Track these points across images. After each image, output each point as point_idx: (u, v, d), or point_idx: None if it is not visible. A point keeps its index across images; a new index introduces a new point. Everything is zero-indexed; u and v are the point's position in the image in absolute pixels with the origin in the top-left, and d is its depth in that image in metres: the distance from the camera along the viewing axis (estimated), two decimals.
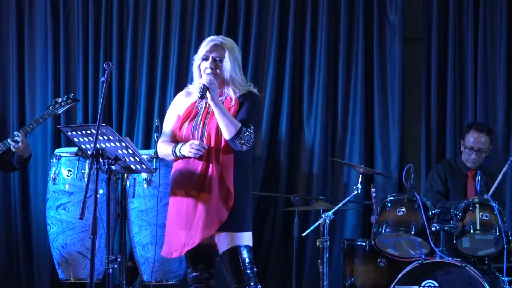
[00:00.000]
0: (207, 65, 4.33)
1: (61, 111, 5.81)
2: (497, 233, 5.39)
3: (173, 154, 4.34)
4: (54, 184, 5.97)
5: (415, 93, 6.77)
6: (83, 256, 5.88)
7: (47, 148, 6.76)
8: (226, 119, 4.22)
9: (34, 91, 6.90)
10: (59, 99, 5.82)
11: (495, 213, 5.44)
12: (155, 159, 5.76)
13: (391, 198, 5.61)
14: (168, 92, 6.77)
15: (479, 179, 5.49)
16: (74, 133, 4.30)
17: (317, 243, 5.61)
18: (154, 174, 5.77)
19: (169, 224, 4.39)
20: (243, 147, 4.25)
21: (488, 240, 5.45)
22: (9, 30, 6.95)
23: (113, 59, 6.82)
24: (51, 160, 6.08)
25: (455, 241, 5.49)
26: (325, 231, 5.54)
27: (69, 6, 6.93)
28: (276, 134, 6.75)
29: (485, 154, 6.06)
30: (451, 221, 5.52)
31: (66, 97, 5.82)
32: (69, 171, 5.94)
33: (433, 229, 5.44)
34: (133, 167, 4.32)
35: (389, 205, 5.57)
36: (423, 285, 5.32)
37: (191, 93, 4.46)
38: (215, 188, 4.24)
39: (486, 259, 5.58)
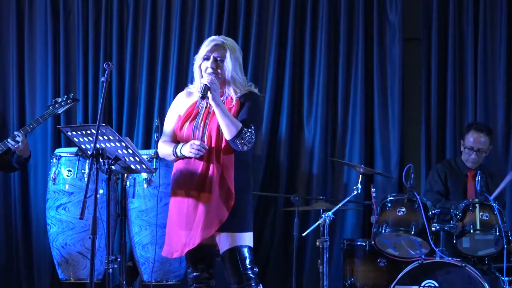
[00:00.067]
0: (208, 65, 4.32)
1: (61, 111, 5.80)
2: (497, 233, 5.39)
3: (173, 154, 4.34)
4: (54, 184, 5.97)
5: (415, 93, 6.76)
6: (83, 256, 5.88)
7: (47, 148, 6.75)
8: (227, 119, 4.22)
9: (34, 91, 6.89)
10: (59, 99, 5.81)
11: (495, 213, 5.44)
12: (155, 159, 5.76)
13: (391, 198, 5.61)
14: (168, 92, 6.76)
15: (479, 179, 5.49)
16: (74, 133, 4.30)
17: (317, 243, 5.61)
18: (154, 174, 5.77)
19: (170, 224, 4.39)
20: (244, 148, 4.25)
21: (488, 240, 5.45)
22: (9, 30, 6.94)
23: (113, 59, 6.82)
24: (51, 160, 6.07)
25: (455, 241, 5.49)
26: (325, 231, 5.54)
27: (69, 6, 6.93)
28: (276, 134, 6.74)
29: (485, 154, 6.05)
30: (451, 221, 5.52)
31: (66, 97, 5.82)
32: (69, 171, 5.94)
33: (433, 229, 5.44)
34: (133, 167, 4.32)
35: (389, 205, 5.57)
36: (423, 285, 5.32)
37: (191, 93, 4.45)
38: (216, 188, 4.24)
39: (486, 259, 5.58)
